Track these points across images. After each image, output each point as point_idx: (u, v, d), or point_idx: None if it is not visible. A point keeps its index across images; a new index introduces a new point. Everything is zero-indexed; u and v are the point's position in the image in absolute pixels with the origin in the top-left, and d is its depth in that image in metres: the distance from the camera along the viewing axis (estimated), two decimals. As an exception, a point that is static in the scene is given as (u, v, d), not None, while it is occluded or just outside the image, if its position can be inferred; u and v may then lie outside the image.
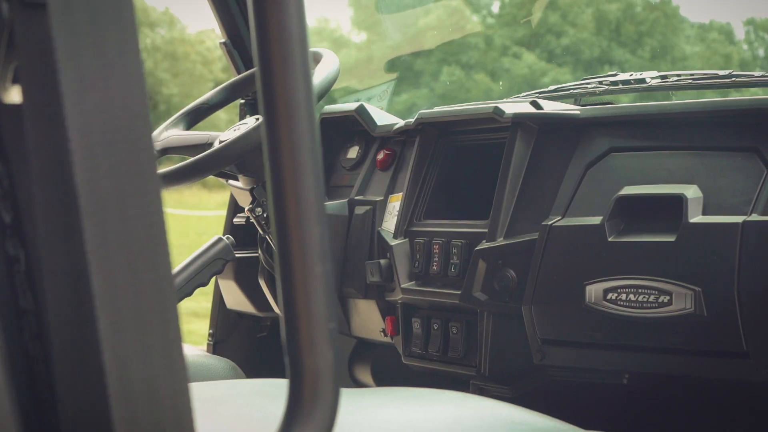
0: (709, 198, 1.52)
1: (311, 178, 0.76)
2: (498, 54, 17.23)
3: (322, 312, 0.78)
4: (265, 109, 0.75)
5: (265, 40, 0.75)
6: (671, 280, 1.51)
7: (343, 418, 1.23)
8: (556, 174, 1.75)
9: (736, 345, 1.46)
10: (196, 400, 1.36)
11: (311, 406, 0.81)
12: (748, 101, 1.57)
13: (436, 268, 1.86)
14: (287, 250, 0.77)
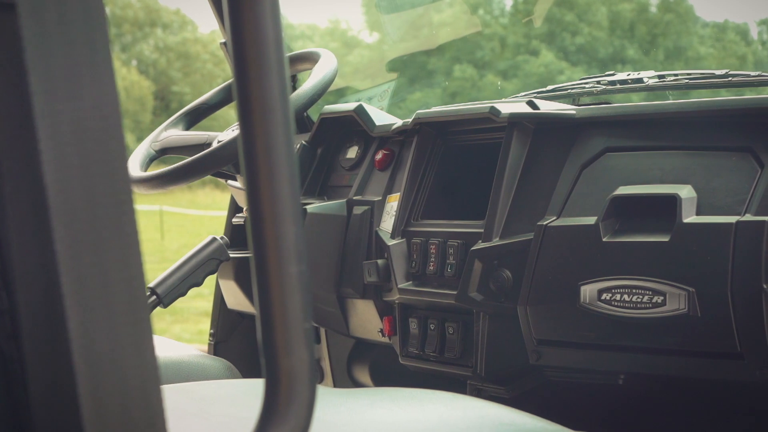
0: (703, 198, 1.52)
1: (287, 179, 0.76)
2: (512, 52, 17.22)
3: (297, 312, 0.78)
4: (240, 110, 0.75)
5: (240, 41, 0.75)
6: (665, 281, 1.50)
7: (331, 418, 1.24)
8: (552, 174, 1.75)
9: (730, 346, 1.46)
10: (188, 400, 1.37)
11: (287, 407, 0.81)
12: (742, 101, 1.57)
13: (433, 268, 1.86)
14: (262, 251, 0.77)
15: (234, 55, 0.75)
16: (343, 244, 2.07)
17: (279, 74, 0.75)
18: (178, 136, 2.09)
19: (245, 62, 0.75)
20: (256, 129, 0.75)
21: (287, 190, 0.76)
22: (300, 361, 0.79)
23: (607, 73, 1.99)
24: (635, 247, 1.55)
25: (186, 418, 1.22)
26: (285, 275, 0.78)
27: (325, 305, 2.10)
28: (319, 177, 2.25)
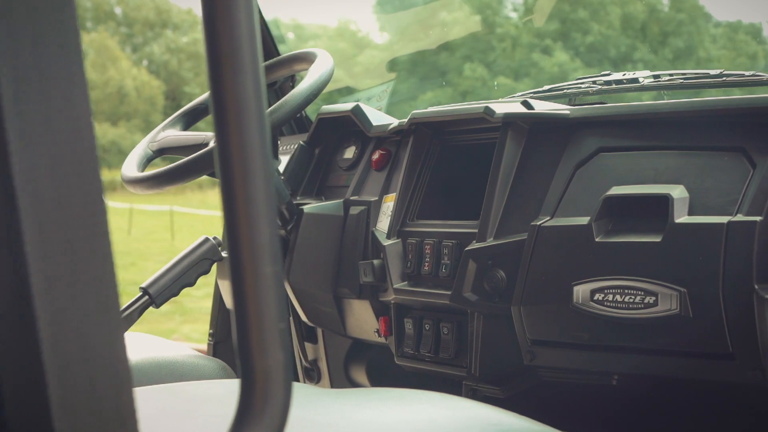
0: (696, 198, 1.51)
1: (261, 179, 0.76)
2: (525, 52, 17.19)
3: (272, 313, 0.78)
4: (215, 112, 0.75)
5: (215, 42, 0.75)
6: (657, 281, 1.50)
7: (318, 418, 1.24)
8: (546, 174, 1.74)
9: (722, 346, 1.45)
10: (178, 400, 1.37)
11: (262, 407, 0.81)
12: (734, 101, 1.56)
13: (428, 268, 1.86)
14: (237, 251, 0.77)
15: (208, 56, 0.75)
16: (339, 244, 2.07)
17: (254, 75, 0.75)
18: (175, 136, 2.09)
19: (219, 63, 0.75)
20: (231, 130, 0.75)
21: (262, 191, 0.76)
22: (275, 361, 0.79)
23: (603, 73, 1.99)
24: (628, 247, 1.54)
25: (174, 419, 1.23)
26: (259, 276, 0.78)
27: (322, 305, 2.10)
28: (316, 177, 2.26)
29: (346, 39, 20.25)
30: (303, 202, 2.16)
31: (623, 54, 16.72)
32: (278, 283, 0.78)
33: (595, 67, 16.48)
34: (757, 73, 1.77)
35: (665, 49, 15.46)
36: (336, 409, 1.28)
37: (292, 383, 0.83)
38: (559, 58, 16.46)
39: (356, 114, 2.17)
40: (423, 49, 3.15)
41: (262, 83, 0.76)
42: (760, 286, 1.39)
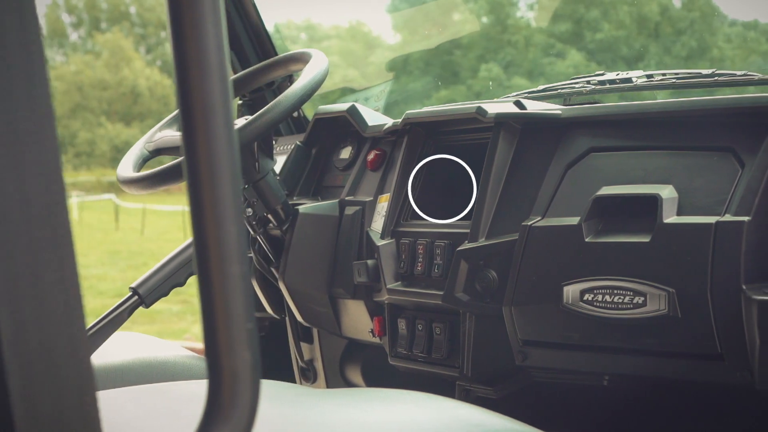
0: (685, 198, 1.51)
1: (228, 179, 0.76)
2: (540, 52, 17.16)
3: (240, 313, 0.78)
4: (182, 110, 0.75)
5: (181, 45, 0.75)
6: (646, 281, 1.49)
7: (301, 418, 1.24)
8: (538, 174, 1.74)
9: (711, 347, 1.45)
10: (163, 399, 1.37)
11: (229, 407, 0.81)
12: (724, 100, 1.56)
13: (421, 268, 1.86)
14: (204, 251, 0.77)
15: (175, 56, 0.75)
16: (335, 244, 2.07)
17: (221, 77, 0.75)
18: (171, 136, 2.09)
19: (186, 63, 0.75)
20: (197, 128, 0.75)
21: (228, 191, 0.76)
22: (242, 361, 0.79)
23: (597, 73, 1.98)
24: (617, 247, 1.54)
25: (156, 418, 1.23)
26: (227, 276, 0.78)
27: (318, 305, 2.10)
28: (313, 177, 2.26)
29: (359, 39, 20.26)
30: (299, 202, 2.16)
31: (637, 53, 16.66)
32: (245, 283, 0.78)
33: (604, 65, 16.45)
34: (749, 72, 1.76)
35: (678, 47, 15.42)
36: (320, 409, 1.28)
37: (260, 383, 0.83)
38: (574, 59, 16.42)
39: (352, 114, 2.17)
40: (435, 48, 3.14)
41: (228, 84, 0.76)
42: (747, 287, 1.39)
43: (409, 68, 14.24)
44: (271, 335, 2.54)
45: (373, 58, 17.26)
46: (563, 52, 16.23)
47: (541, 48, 16.66)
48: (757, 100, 1.49)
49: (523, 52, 17.16)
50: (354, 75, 15.47)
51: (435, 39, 2.94)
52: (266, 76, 2.12)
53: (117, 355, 1.74)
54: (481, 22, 12.64)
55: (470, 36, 13.25)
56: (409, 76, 13.58)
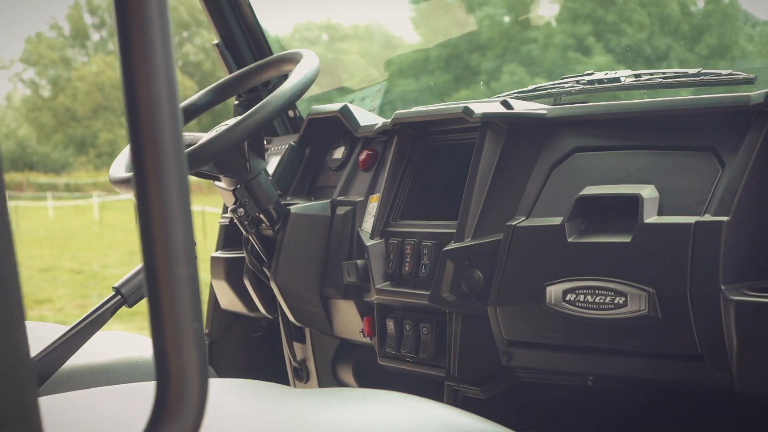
0: (666, 198, 1.50)
1: (175, 179, 0.76)
2: (560, 52, 17.08)
3: (186, 313, 0.78)
4: (128, 112, 0.75)
5: (128, 44, 0.75)
6: (626, 281, 1.49)
7: (274, 418, 1.24)
8: (524, 174, 1.74)
9: (691, 348, 1.44)
10: (140, 400, 1.37)
11: (177, 407, 0.81)
12: (705, 100, 1.55)
13: (408, 268, 1.86)
14: (151, 251, 0.77)
15: (121, 55, 0.75)
16: (326, 244, 2.07)
17: (167, 75, 0.75)
18: (165, 137, 2.09)
19: (132, 62, 0.75)
20: (144, 128, 0.75)
21: (176, 191, 0.76)
22: (189, 361, 0.80)
23: (586, 73, 1.98)
24: (599, 247, 1.53)
25: (129, 419, 1.23)
26: (174, 276, 0.78)
27: (309, 305, 2.10)
28: (307, 177, 2.26)
29: (379, 39, 20.26)
30: (292, 202, 2.16)
31: (659, 53, 16.56)
32: (192, 284, 0.78)
33: (629, 66, 16.35)
34: (734, 72, 1.75)
35: (700, 46, 15.29)
36: (295, 408, 1.28)
37: (209, 382, 0.83)
38: (597, 61, 16.34)
39: (344, 114, 2.18)
40: (454, 47, 3.12)
41: (174, 84, 0.76)
42: (726, 287, 1.38)
43: (430, 67, 14.25)
44: (267, 335, 2.55)
45: (393, 57, 17.21)
46: (587, 50, 16.17)
47: (562, 48, 16.59)
48: (737, 100, 1.48)
49: (544, 51, 17.08)
50: (375, 75, 15.47)
51: (454, 38, 2.94)
52: (259, 77, 2.12)
53: (104, 355, 1.75)
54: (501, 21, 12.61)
55: (490, 35, 13.21)
56: (431, 75, 13.57)
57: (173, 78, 0.76)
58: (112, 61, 50.17)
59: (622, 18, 14.96)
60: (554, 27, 15.32)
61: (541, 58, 16.44)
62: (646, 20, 15.64)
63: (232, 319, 2.56)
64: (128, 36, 0.75)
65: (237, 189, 1.99)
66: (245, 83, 2.14)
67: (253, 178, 1.97)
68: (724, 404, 1.58)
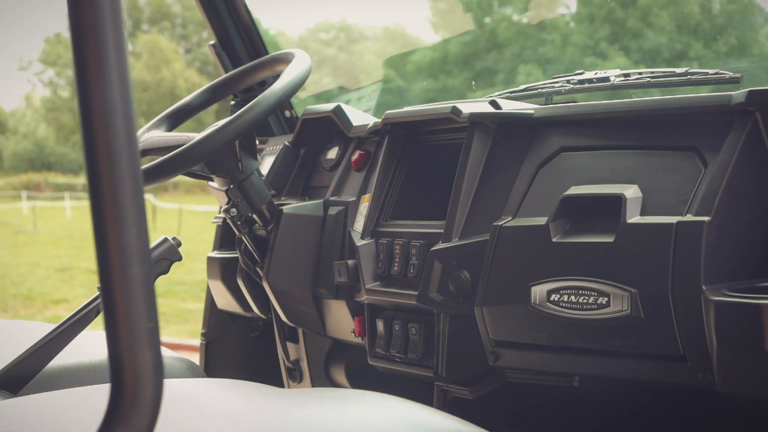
0: (649, 198, 1.49)
1: (129, 180, 0.76)
2: (578, 52, 17.05)
3: (140, 313, 0.79)
4: (81, 111, 0.75)
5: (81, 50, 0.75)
6: (609, 282, 1.48)
7: (245, 417, 1.24)
8: (511, 174, 1.73)
9: (673, 348, 1.43)
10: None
11: (131, 407, 0.81)
12: (688, 99, 1.54)
13: (397, 268, 1.86)
14: (105, 251, 0.77)
15: (74, 53, 0.75)
16: (318, 244, 2.07)
17: (121, 79, 0.76)
18: (158, 137, 2.10)
19: (86, 68, 0.75)
20: (97, 130, 0.75)
21: (129, 192, 0.76)
22: (144, 361, 0.80)
23: (576, 72, 1.97)
24: (582, 247, 1.53)
25: (95, 420, 1.23)
26: (128, 276, 0.78)
27: (302, 305, 2.10)
28: (301, 177, 2.26)
29: (396, 39, 20.23)
30: (286, 202, 2.16)
31: (678, 52, 16.48)
32: (147, 284, 0.78)
33: (648, 65, 16.29)
34: (720, 71, 1.74)
35: (719, 45, 15.20)
36: (272, 407, 1.29)
37: (164, 382, 0.83)
38: (618, 62, 16.27)
39: (337, 114, 2.18)
40: (472, 46, 3.11)
41: (128, 86, 0.76)
42: (707, 287, 1.37)
43: (448, 67, 14.23)
44: (263, 335, 2.55)
45: (412, 57, 17.22)
46: (604, 52, 16.12)
47: (580, 48, 16.55)
48: (719, 99, 1.48)
49: (561, 51, 17.05)
50: (392, 75, 15.46)
51: (472, 37, 2.94)
52: (253, 77, 2.12)
53: (94, 354, 1.75)
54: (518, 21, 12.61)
55: (507, 35, 13.21)
56: (448, 75, 13.56)
57: (127, 80, 0.76)
58: (130, 62, 50.21)
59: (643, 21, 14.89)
60: (572, 27, 15.28)
61: (558, 58, 16.39)
62: (666, 22, 15.57)
63: (229, 319, 2.57)
64: (81, 38, 0.76)
65: (229, 189, 1.99)
66: (239, 84, 2.14)
67: (245, 178, 1.97)
68: (709, 406, 1.57)
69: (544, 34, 15.11)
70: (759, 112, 1.40)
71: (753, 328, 1.30)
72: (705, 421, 1.65)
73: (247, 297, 2.26)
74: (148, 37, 50.60)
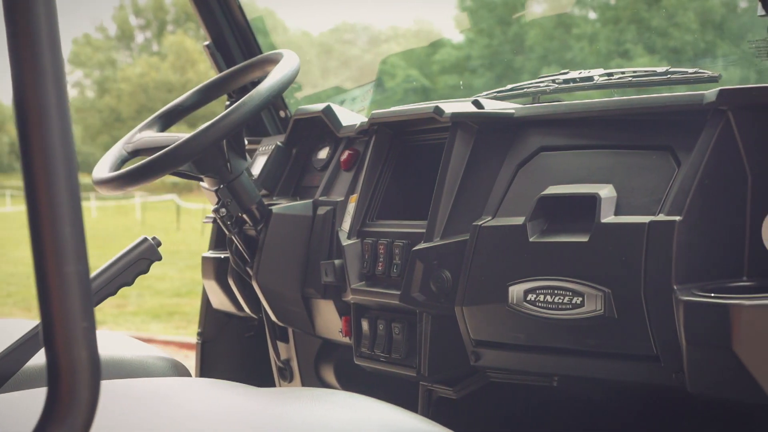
0: (623, 197, 1.49)
1: (64, 177, 0.77)
2: (603, 54, 17.00)
3: (76, 312, 0.79)
4: (16, 109, 0.76)
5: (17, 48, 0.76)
6: (584, 281, 1.48)
7: (217, 415, 1.25)
8: (492, 173, 1.73)
9: (647, 348, 1.43)
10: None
11: (67, 407, 0.81)
12: (662, 99, 1.53)
13: (381, 268, 1.86)
14: (40, 250, 0.78)
15: (10, 55, 0.75)
16: (307, 244, 2.08)
17: (55, 77, 0.76)
18: (150, 137, 2.11)
19: (21, 66, 0.76)
20: (32, 128, 0.75)
21: (65, 191, 0.77)
22: (80, 360, 0.80)
23: (561, 72, 1.96)
24: (558, 247, 1.52)
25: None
26: (63, 274, 0.78)
27: (291, 305, 2.11)
28: (293, 177, 2.27)
29: (422, 39, 20.20)
30: (278, 202, 2.17)
31: (703, 50, 16.39)
32: (82, 282, 0.79)
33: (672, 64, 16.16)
34: (700, 70, 1.73)
35: (745, 43, 15.07)
36: (243, 407, 1.29)
37: (100, 382, 0.83)
38: (641, 61, 16.20)
39: (327, 114, 2.18)
40: (497, 47, 3.11)
41: (63, 85, 0.77)
42: (678, 287, 1.37)
43: (472, 66, 14.22)
44: (259, 335, 2.56)
45: (437, 56, 17.25)
46: (629, 52, 16.05)
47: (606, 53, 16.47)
48: (692, 98, 1.47)
49: (587, 53, 17.01)
50: (416, 74, 15.46)
51: (498, 38, 2.94)
52: (244, 78, 2.13)
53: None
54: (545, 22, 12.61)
55: (534, 36, 13.21)
56: (473, 74, 13.54)
57: (62, 79, 0.77)
58: (156, 63, 50.60)
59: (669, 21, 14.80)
60: (597, 28, 15.23)
61: (583, 60, 16.35)
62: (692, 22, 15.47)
63: (225, 319, 2.58)
64: (17, 39, 0.76)
65: (219, 189, 1.99)
66: (230, 84, 2.15)
67: (234, 178, 1.98)
68: (688, 406, 1.56)
69: (570, 35, 15.08)
70: (731, 112, 1.39)
71: (721, 329, 1.29)
72: (685, 422, 1.64)
73: (238, 297, 2.27)
74: (174, 38, 50.82)
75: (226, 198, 2.00)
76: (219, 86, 2.16)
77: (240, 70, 2.12)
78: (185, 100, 2.18)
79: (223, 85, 2.15)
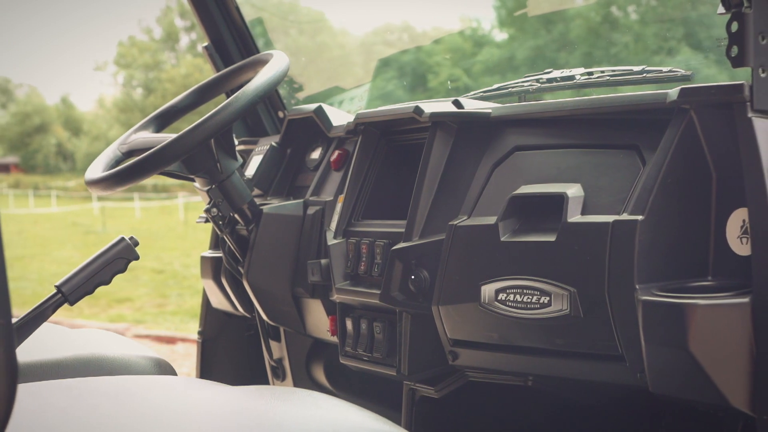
0: (590, 197, 1.48)
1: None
2: (648, 50, 16.84)
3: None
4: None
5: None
6: (551, 281, 1.48)
7: (186, 412, 1.26)
8: (469, 173, 1.73)
9: (612, 348, 1.42)
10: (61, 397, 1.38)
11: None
12: (629, 98, 1.52)
13: (363, 268, 1.87)
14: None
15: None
16: (297, 244, 2.09)
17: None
18: (144, 138, 2.13)
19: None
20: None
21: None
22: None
23: (545, 71, 1.95)
24: (527, 246, 1.52)
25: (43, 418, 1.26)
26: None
27: (282, 305, 2.12)
28: (287, 177, 2.28)
29: (466, 38, 20.10)
30: (271, 202, 2.18)
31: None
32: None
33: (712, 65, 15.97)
34: (674, 69, 1.72)
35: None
36: (210, 404, 1.31)
37: (17, 381, 0.84)
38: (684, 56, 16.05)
39: (318, 115, 2.19)
40: (542, 46, 3.10)
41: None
42: (640, 287, 1.36)
43: (516, 64, 14.12)
44: (258, 334, 2.57)
45: (480, 56, 17.21)
46: (675, 49, 15.89)
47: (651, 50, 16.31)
48: (656, 97, 1.46)
49: (632, 51, 16.85)
50: (459, 73, 15.37)
51: (542, 37, 2.94)
52: (237, 79, 2.15)
53: (52, 351, 1.77)
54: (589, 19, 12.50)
55: (578, 33, 13.11)
56: (515, 72, 13.45)
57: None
58: (200, 64, 50.89)
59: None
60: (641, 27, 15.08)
61: (626, 58, 16.21)
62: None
63: (225, 318, 2.59)
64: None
65: (210, 189, 2.01)
66: (225, 85, 2.16)
67: (225, 178, 1.99)
68: (656, 406, 1.56)
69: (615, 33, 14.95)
70: (693, 110, 1.38)
71: (677, 328, 1.28)
72: (655, 422, 1.63)
73: (231, 296, 2.28)
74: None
75: (217, 198, 2.02)
76: (214, 87, 2.17)
77: (234, 71, 2.14)
78: (181, 101, 2.20)
79: (218, 86, 2.17)
